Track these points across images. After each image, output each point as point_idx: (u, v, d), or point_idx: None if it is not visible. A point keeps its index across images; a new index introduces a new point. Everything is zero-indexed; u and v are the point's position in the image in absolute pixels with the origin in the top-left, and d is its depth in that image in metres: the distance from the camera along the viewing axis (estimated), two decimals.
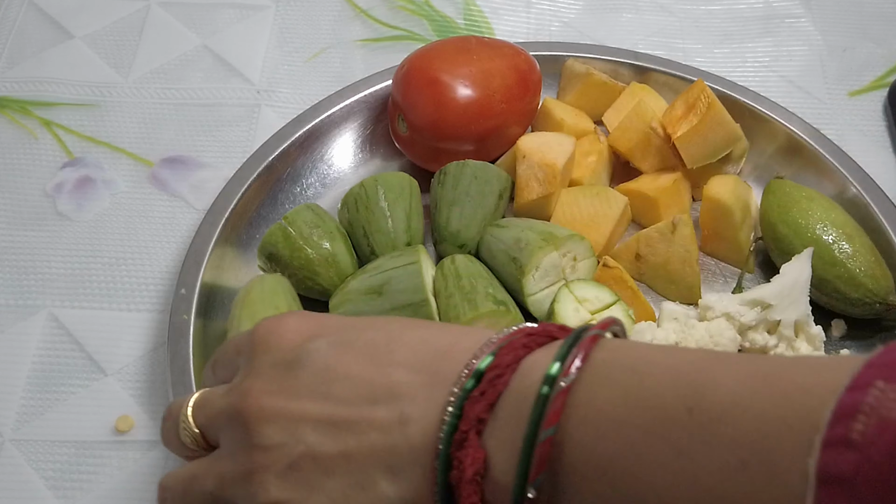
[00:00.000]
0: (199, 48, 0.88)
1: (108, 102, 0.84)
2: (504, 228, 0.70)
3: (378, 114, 0.79)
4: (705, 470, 0.32)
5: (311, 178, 0.77)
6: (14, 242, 0.75)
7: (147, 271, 0.74)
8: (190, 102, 0.84)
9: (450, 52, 0.75)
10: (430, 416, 0.38)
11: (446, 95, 0.72)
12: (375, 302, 0.66)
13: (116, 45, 0.88)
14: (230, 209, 0.72)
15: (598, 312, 0.65)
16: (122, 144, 0.81)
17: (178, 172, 0.80)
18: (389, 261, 0.68)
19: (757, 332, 0.65)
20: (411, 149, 0.76)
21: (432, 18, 0.90)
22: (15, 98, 0.84)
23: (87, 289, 0.72)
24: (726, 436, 0.31)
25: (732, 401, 0.32)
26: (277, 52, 0.88)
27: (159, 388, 0.67)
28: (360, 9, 0.91)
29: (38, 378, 0.68)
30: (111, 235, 0.76)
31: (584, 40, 0.88)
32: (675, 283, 0.70)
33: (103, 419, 0.66)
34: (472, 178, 0.72)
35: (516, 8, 0.92)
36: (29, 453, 0.64)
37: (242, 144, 0.81)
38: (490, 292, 0.65)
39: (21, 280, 0.73)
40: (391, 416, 0.39)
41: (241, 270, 0.72)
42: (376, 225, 0.70)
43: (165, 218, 0.77)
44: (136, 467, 0.64)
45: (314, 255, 0.68)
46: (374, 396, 0.40)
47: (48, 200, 0.78)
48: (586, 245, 0.69)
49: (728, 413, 0.32)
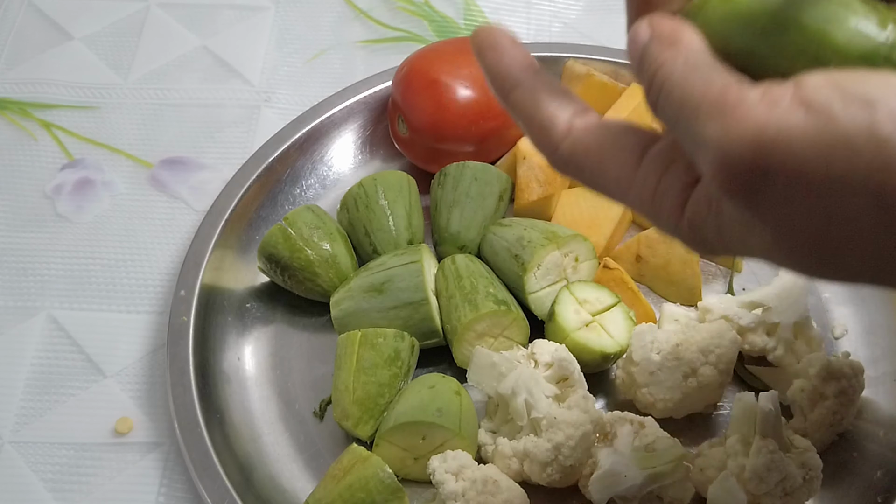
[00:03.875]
0: (199, 49, 0.88)
1: (108, 104, 0.84)
2: (507, 227, 0.69)
3: (378, 115, 0.79)
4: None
5: (310, 179, 0.77)
6: (13, 244, 0.75)
7: (146, 273, 0.73)
8: (189, 104, 0.84)
9: (450, 53, 0.75)
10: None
11: (446, 96, 0.72)
12: (376, 300, 0.66)
13: (116, 47, 0.88)
14: (230, 210, 0.71)
15: (599, 314, 0.65)
16: (122, 146, 0.81)
17: (177, 174, 0.79)
18: (391, 259, 0.68)
19: (756, 335, 0.65)
20: (411, 150, 0.76)
21: (432, 19, 0.90)
22: (14, 100, 0.84)
23: (87, 290, 0.72)
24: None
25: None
26: (277, 53, 0.88)
27: (159, 390, 0.67)
28: (360, 10, 0.91)
29: (38, 380, 0.68)
30: (111, 237, 0.75)
31: (585, 41, 0.88)
32: (675, 285, 0.70)
33: (102, 421, 0.66)
34: (473, 180, 0.71)
35: (517, 9, 0.91)
36: (28, 455, 0.64)
37: (242, 146, 0.81)
38: (491, 292, 0.65)
39: (20, 282, 0.73)
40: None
41: (241, 272, 0.72)
42: (377, 223, 0.70)
43: (165, 219, 0.77)
44: (135, 469, 0.64)
45: (314, 257, 0.68)
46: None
47: (47, 202, 0.77)
48: (588, 246, 0.69)
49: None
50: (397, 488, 0.58)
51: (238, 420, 0.65)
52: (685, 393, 0.62)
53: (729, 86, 0.33)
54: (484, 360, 0.62)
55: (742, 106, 0.33)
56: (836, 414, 0.61)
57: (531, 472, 0.60)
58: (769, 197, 0.33)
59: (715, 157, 0.33)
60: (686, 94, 0.34)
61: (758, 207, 0.33)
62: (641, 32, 0.37)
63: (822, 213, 0.32)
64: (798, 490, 0.58)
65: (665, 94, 0.35)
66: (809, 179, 0.32)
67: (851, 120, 0.31)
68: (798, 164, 0.31)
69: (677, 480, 0.59)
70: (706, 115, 0.33)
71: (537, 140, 0.40)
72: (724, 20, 0.35)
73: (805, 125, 0.31)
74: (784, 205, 0.33)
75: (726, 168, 0.33)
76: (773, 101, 0.32)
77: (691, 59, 0.35)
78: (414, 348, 0.65)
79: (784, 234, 0.34)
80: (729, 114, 0.33)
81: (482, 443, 0.62)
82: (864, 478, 0.62)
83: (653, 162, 0.38)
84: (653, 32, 0.37)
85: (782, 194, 0.32)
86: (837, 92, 0.31)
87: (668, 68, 0.35)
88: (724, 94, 0.33)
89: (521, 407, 0.60)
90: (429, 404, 0.61)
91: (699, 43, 0.36)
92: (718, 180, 0.33)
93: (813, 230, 0.33)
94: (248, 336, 0.70)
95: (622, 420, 0.62)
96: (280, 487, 0.63)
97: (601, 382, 0.67)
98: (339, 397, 0.63)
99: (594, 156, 0.39)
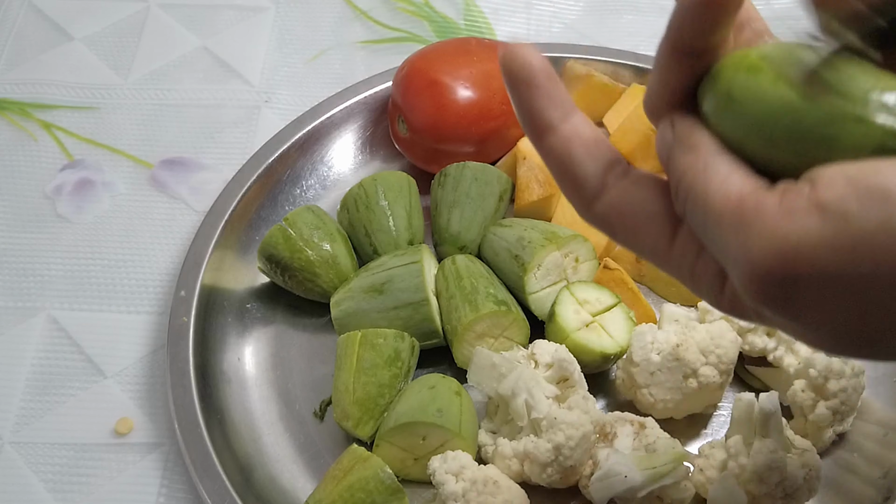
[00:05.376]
0: (199, 50, 0.88)
1: (108, 104, 0.84)
2: (507, 227, 0.70)
3: (378, 115, 0.79)
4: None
5: (311, 179, 0.77)
6: (13, 244, 0.75)
7: (147, 273, 0.73)
8: (190, 104, 0.84)
9: (450, 53, 0.75)
10: None
11: (446, 97, 0.72)
12: (376, 300, 0.66)
13: (116, 47, 0.88)
14: (230, 211, 0.71)
15: (599, 314, 0.65)
16: (122, 146, 0.81)
17: (177, 174, 0.79)
18: (392, 259, 0.68)
19: (756, 335, 0.65)
20: (411, 150, 0.76)
21: (433, 20, 0.90)
22: (14, 100, 0.84)
23: (87, 291, 0.72)
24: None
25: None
26: (277, 53, 0.88)
27: (159, 391, 0.67)
28: (360, 10, 0.91)
29: (38, 380, 0.68)
30: (111, 237, 0.75)
31: (585, 42, 0.88)
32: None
33: (103, 421, 0.66)
34: (473, 180, 0.71)
35: (517, 9, 0.91)
36: (28, 456, 0.64)
37: (242, 146, 0.81)
38: (491, 292, 0.65)
39: (20, 282, 0.73)
40: None
41: (241, 272, 0.72)
42: (378, 224, 0.70)
43: (165, 220, 0.77)
44: (135, 470, 0.64)
45: (314, 257, 0.68)
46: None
47: (48, 202, 0.78)
48: (589, 247, 0.69)
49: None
50: (397, 489, 0.58)
51: (238, 420, 0.65)
52: (685, 393, 0.62)
53: (746, 196, 0.33)
54: (484, 360, 0.62)
55: (761, 218, 0.33)
56: (836, 414, 0.61)
57: (531, 473, 0.60)
58: (801, 302, 0.33)
59: (742, 273, 0.33)
60: (708, 206, 0.34)
61: (792, 312, 0.33)
62: (667, 135, 0.38)
63: (857, 310, 0.32)
64: (798, 490, 0.57)
65: (690, 204, 0.35)
66: (838, 282, 0.32)
67: (869, 218, 0.30)
68: (824, 270, 0.31)
69: (677, 481, 0.59)
70: (728, 229, 0.33)
71: (569, 192, 0.40)
72: (750, 100, 0.35)
73: (823, 231, 0.31)
74: (818, 308, 0.33)
75: (755, 283, 0.33)
76: (790, 210, 0.32)
77: (710, 165, 0.35)
78: (414, 349, 0.65)
79: (824, 332, 0.34)
80: (749, 227, 0.33)
81: (482, 443, 0.62)
82: (864, 478, 0.62)
83: (687, 242, 0.37)
84: (674, 135, 0.37)
85: (815, 298, 0.32)
86: (851, 188, 0.31)
87: (691, 177, 0.36)
88: (743, 205, 0.33)
89: (522, 407, 0.60)
90: (429, 405, 0.61)
91: (714, 146, 0.36)
92: (749, 294, 0.34)
93: (852, 325, 0.33)
94: (248, 336, 0.70)
95: (622, 420, 0.62)
96: (280, 488, 0.63)
97: (601, 383, 0.67)
98: (339, 398, 0.63)
99: (629, 222, 0.39)
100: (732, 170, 0.35)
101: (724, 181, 0.34)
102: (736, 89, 0.36)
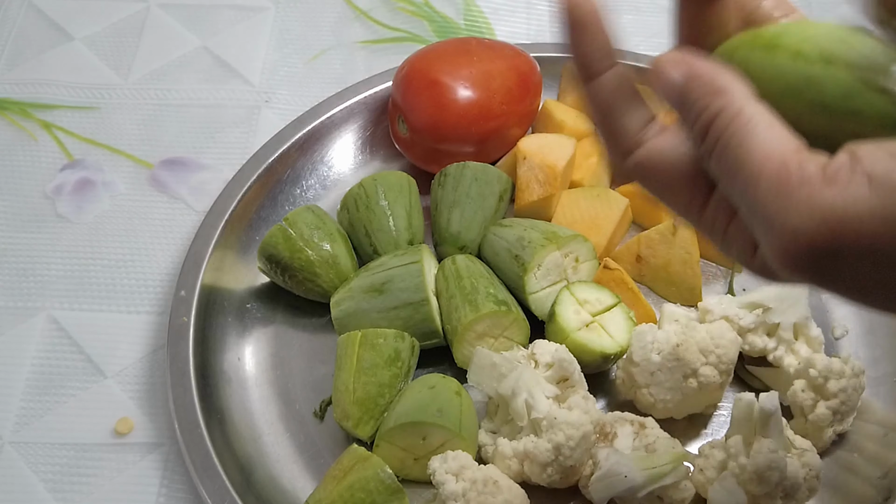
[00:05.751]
0: (199, 49, 0.88)
1: (108, 104, 0.84)
2: (507, 227, 0.70)
3: (378, 115, 0.79)
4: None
5: (311, 179, 0.77)
6: (13, 244, 0.75)
7: (147, 273, 0.73)
8: (190, 104, 0.84)
9: (450, 53, 0.75)
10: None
11: (446, 97, 0.72)
12: (376, 300, 0.66)
13: (116, 47, 0.88)
14: (230, 211, 0.71)
15: (599, 314, 0.65)
16: (122, 146, 0.81)
17: (177, 174, 0.79)
18: (392, 259, 0.68)
19: (756, 335, 0.65)
20: (411, 150, 0.76)
21: (433, 20, 0.90)
22: (15, 100, 0.84)
23: (87, 291, 0.72)
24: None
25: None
26: (277, 53, 0.88)
27: (159, 391, 0.67)
28: (360, 10, 0.91)
29: (38, 380, 0.68)
30: (111, 237, 0.75)
31: None
32: (675, 285, 0.70)
33: (103, 421, 0.66)
34: (473, 180, 0.71)
35: (517, 9, 0.91)
36: (28, 456, 0.64)
37: (242, 146, 0.81)
38: (491, 292, 0.65)
39: (20, 282, 0.73)
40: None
41: (241, 272, 0.72)
42: (378, 224, 0.70)
43: (165, 220, 0.77)
44: (135, 470, 0.64)
45: (314, 257, 0.68)
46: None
47: (48, 202, 0.78)
48: (589, 247, 0.69)
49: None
50: (397, 489, 0.58)
51: (238, 420, 0.65)
52: (685, 393, 0.62)
53: (789, 158, 0.33)
54: (484, 360, 0.62)
55: (805, 187, 0.32)
56: (836, 414, 0.61)
57: (531, 473, 0.60)
58: (836, 272, 0.32)
59: (779, 240, 0.33)
60: (745, 161, 0.33)
61: (825, 280, 0.33)
62: (673, 68, 0.37)
63: (893, 277, 0.32)
64: (798, 490, 0.58)
65: (720, 150, 0.34)
66: (881, 253, 0.31)
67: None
68: (869, 241, 0.31)
69: (677, 481, 0.59)
70: (766, 192, 0.33)
71: (607, 140, 0.40)
72: (768, 78, 0.35)
73: (871, 201, 0.31)
74: (853, 276, 0.33)
75: (792, 252, 0.32)
76: (834, 179, 0.32)
77: (746, 113, 0.34)
78: (414, 349, 0.65)
79: (856, 294, 0.34)
80: (791, 193, 0.32)
81: (482, 443, 0.62)
82: (864, 478, 0.62)
83: (720, 208, 0.37)
84: (690, 71, 0.36)
85: (852, 268, 0.32)
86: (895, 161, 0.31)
87: (723, 123, 0.34)
88: (786, 168, 0.32)
89: (522, 407, 0.60)
90: (429, 405, 0.61)
91: (745, 90, 0.35)
92: (780, 261, 0.33)
93: (886, 288, 0.33)
94: (248, 336, 0.70)
95: (622, 420, 0.62)
96: (280, 488, 0.63)
97: (601, 383, 0.67)
98: (339, 398, 0.63)
99: (663, 177, 0.39)
100: (772, 122, 0.34)
101: (765, 137, 0.33)
102: (753, 67, 0.36)
